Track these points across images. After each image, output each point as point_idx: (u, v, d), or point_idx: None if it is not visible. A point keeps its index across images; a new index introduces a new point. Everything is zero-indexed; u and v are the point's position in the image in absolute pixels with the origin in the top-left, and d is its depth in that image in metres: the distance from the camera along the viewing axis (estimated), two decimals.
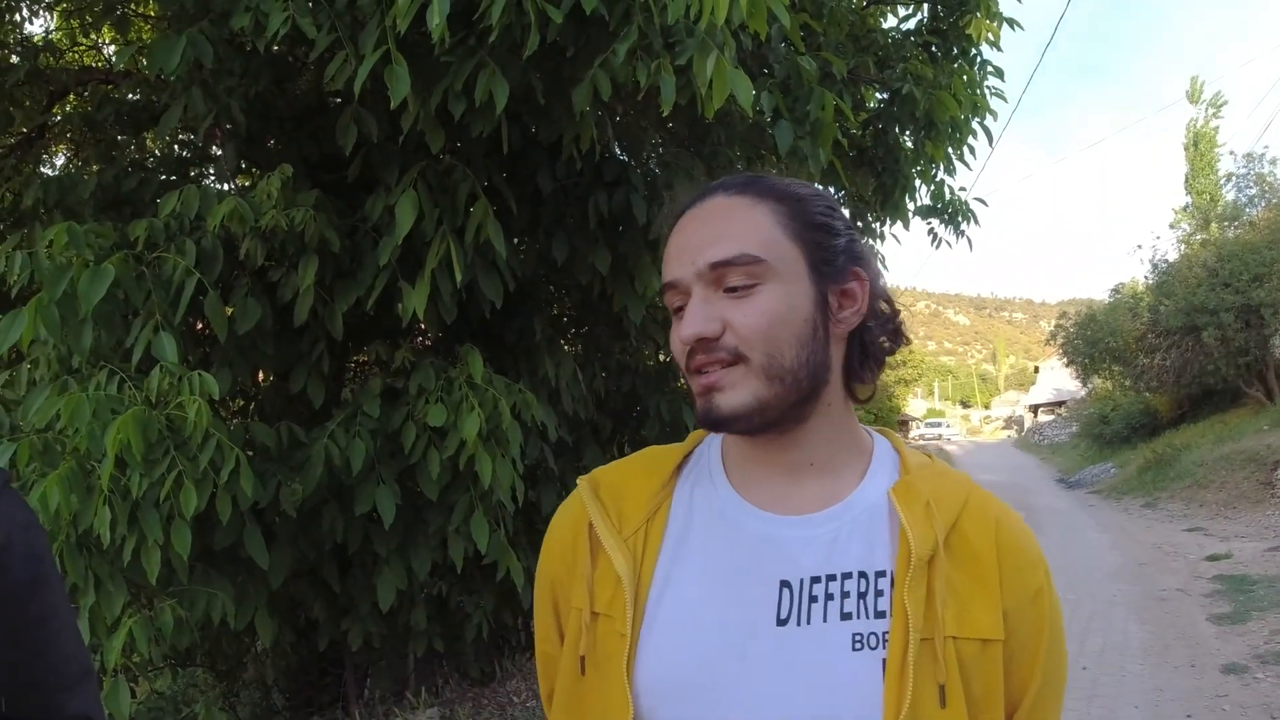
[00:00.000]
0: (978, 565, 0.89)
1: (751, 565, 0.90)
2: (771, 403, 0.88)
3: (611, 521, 0.96)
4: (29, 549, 1.06)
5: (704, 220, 0.92)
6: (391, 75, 2.84)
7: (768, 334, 0.87)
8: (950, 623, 0.85)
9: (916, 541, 0.86)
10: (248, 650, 5.45)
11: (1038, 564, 0.94)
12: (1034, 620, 0.90)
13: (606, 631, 0.92)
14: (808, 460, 0.94)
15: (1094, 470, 22.66)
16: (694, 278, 0.89)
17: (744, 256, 0.88)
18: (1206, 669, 6.00)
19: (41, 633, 1.09)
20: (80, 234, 3.10)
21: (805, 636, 0.86)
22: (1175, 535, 11.98)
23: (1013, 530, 0.93)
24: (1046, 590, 0.93)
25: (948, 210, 6.18)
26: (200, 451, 3.00)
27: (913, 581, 0.85)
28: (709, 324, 0.87)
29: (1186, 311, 19.63)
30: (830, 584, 0.88)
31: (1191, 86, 30.48)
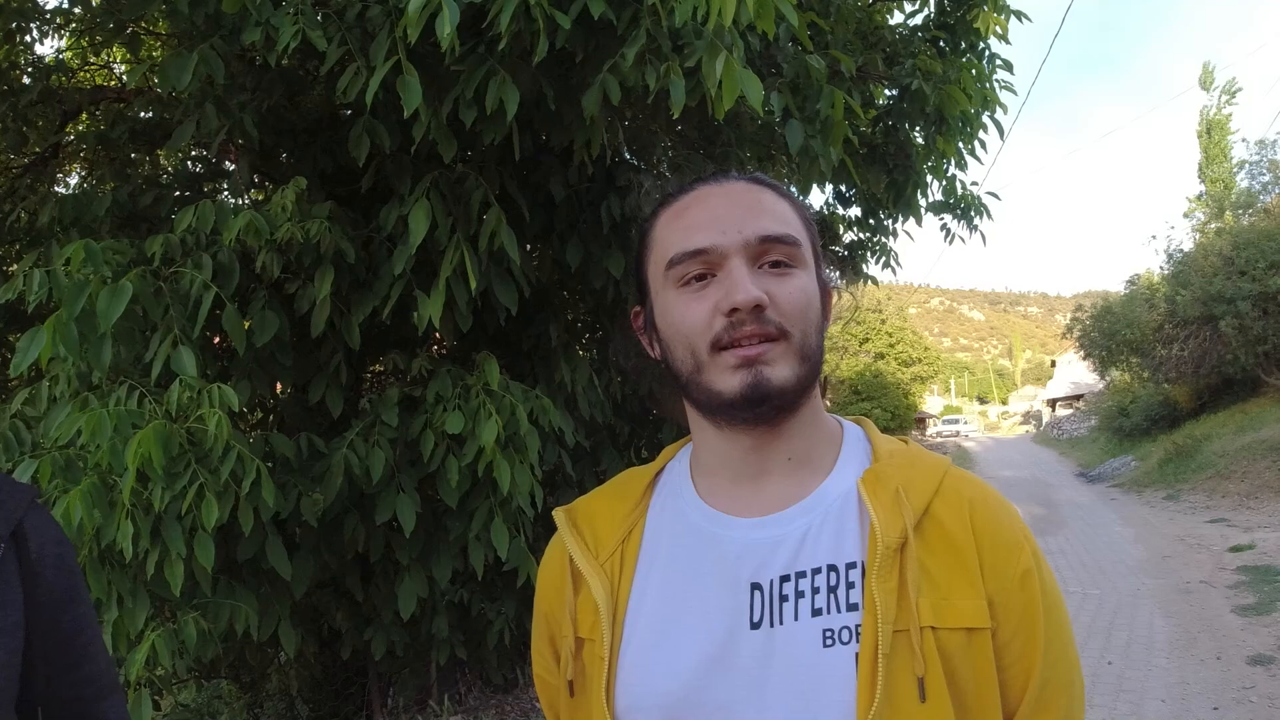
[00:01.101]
0: (954, 551, 0.86)
1: (722, 572, 0.90)
2: (804, 382, 0.89)
3: (589, 549, 0.97)
4: (60, 562, 1.09)
5: (738, 196, 0.93)
6: (403, 85, 2.86)
7: (804, 314, 0.89)
8: (927, 612, 0.83)
9: (884, 530, 0.85)
10: (271, 661, 5.48)
11: (1020, 544, 0.90)
12: (1024, 605, 0.87)
13: (590, 655, 0.93)
14: (786, 455, 0.93)
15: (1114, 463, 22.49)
16: (738, 247, 0.88)
17: (791, 236, 0.90)
18: (1233, 661, 5.96)
19: (75, 645, 1.11)
20: (98, 251, 3.12)
21: (778, 637, 0.85)
22: (1198, 527, 11.88)
23: (990, 511, 0.90)
24: (1035, 572, 0.89)
25: (960, 205, 6.16)
26: (221, 464, 3.02)
27: (881, 571, 0.83)
28: (762, 293, 0.86)
29: (1203, 301, 19.47)
30: (800, 581, 0.87)
31: (1203, 73, 30.26)
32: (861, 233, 6.58)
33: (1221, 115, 29.78)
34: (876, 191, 5.70)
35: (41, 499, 3.12)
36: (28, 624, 1.03)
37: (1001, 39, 5.57)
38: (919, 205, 5.77)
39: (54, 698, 1.09)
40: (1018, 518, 0.93)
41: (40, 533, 1.07)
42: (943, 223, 6.29)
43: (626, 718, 0.89)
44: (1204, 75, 30.31)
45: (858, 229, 6.57)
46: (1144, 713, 5.13)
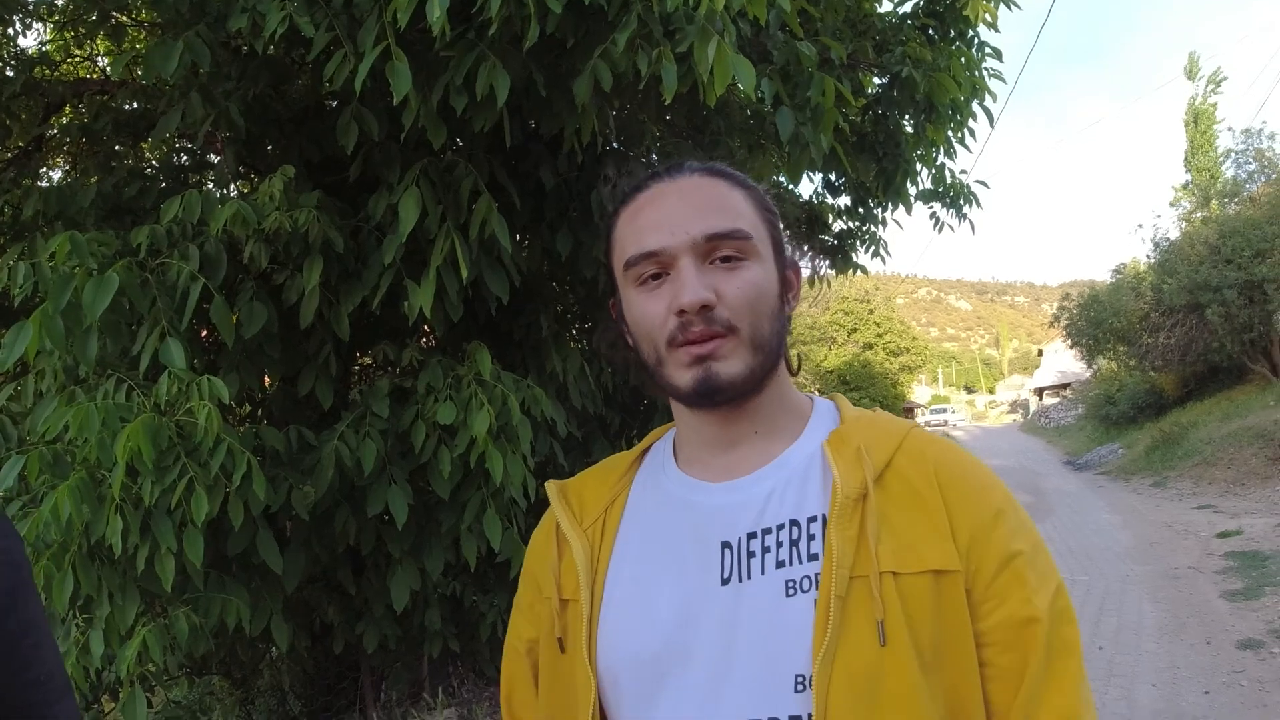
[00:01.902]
0: (917, 500, 0.90)
1: (694, 534, 0.95)
2: (756, 371, 0.93)
3: (574, 516, 1.04)
4: (6, 557, 1.01)
5: (686, 195, 0.96)
6: (393, 71, 2.82)
7: (754, 307, 0.92)
8: (887, 558, 0.86)
9: (843, 481, 0.89)
10: (263, 657, 5.45)
11: (990, 488, 0.94)
12: (1001, 543, 0.89)
13: (574, 615, 0.98)
14: (753, 429, 0.98)
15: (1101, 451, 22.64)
16: (686, 247, 0.92)
17: (739, 231, 0.93)
18: (1222, 645, 6.01)
19: (24, 646, 1.04)
20: (83, 243, 3.08)
21: (746, 592, 0.89)
22: (1185, 513, 11.97)
23: (954, 461, 0.95)
24: (1009, 511, 0.92)
25: (949, 194, 6.16)
26: (211, 457, 2.98)
27: (840, 520, 0.88)
28: (708, 291, 0.90)
29: (1189, 289, 19.59)
30: (766, 537, 0.91)
31: (1189, 63, 30.35)
32: (851, 221, 6.57)
33: (1207, 105, 29.89)
34: (866, 180, 5.69)
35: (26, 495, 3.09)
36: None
37: (991, 26, 5.56)
38: (908, 194, 5.77)
39: (2, 703, 1.01)
40: (986, 469, 0.97)
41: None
42: (932, 211, 6.30)
43: (606, 674, 0.94)
44: (1189, 65, 30.40)
45: (847, 218, 6.57)
46: (1135, 697, 5.17)
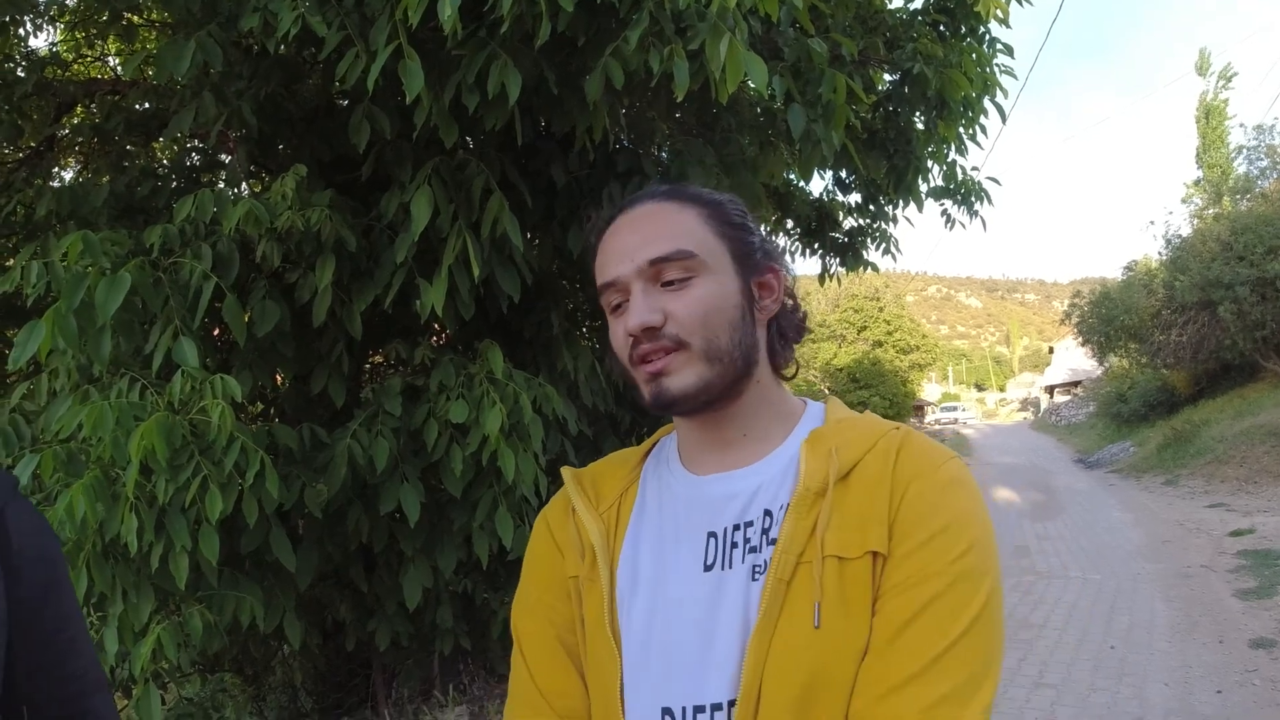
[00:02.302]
0: (869, 489, 0.94)
1: (688, 523, 1.01)
2: (714, 382, 0.98)
3: (590, 501, 1.10)
4: (41, 553, 1.04)
5: (637, 223, 1.03)
6: (405, 70, 2.83)
7: (704, 321, 0.98)
8: (832, 543, 0.90)
9: (806, 475, 0.95)
10: (275, 654, 5.47)
11: (933, 470, 0.95)
12: (927, 519, 0.91)
13: (591, 593, 1.03)
14: (741, 432, 1.04)
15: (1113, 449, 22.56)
16: (634, 274, 0.99)
17: (679, 252, 0.98)
18: (1235, 644, 5.98)
19: (60, 641, 1.07)
20: (95, 242, 3.09)
21: (726, 578, 0.95)
22: (1197, 512, 11.92)
23: (915, 449, 0.97)
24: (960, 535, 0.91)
25: (961, 190, 6.14)
26: (225, 455, 2.99)
27: (797, 509, 0.93)
28: (652, 314, 0.97)
29: (1201, 286, 19.49)
30: (748, 529, 0.97)
31: (1200, 59, 30.20)
32: (861, 219, 6.56)
33: (1218, 101, 29.74)
34: (877, 177, 5.68)
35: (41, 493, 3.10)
36: (10, 619, 0.98)
37: (1002, 23, 5.54)
38: (919, 191, 5.76)
39: (40, 695, 1.05)
40: (948, 456, 0.98)
41: (21, 524, 1.02)
42: (943, 208, 6.28)
43: (625, 649, 0.99)
44: (1200, 61, 30.26)
45: (858, 215, 6.55)
46: (1147, 696, 5.14)
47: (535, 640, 1.08)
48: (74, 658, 1.09)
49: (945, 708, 0.83)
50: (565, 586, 1.08)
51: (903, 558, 0.89)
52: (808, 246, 6.68)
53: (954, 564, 0.88)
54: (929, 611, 0.86)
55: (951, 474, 0.95)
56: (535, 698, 1.05)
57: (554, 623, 1.07)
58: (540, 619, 1.09)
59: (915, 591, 0.87)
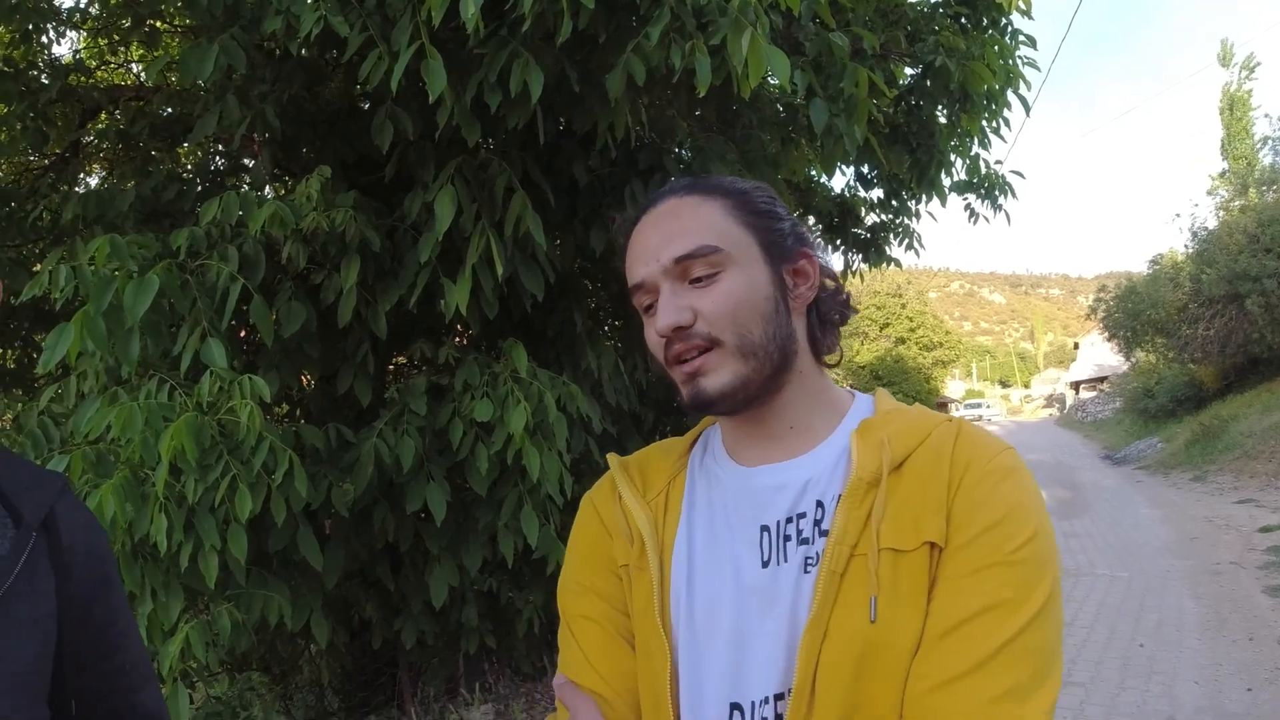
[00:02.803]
0: (925, 480, 0.92)
1: (740, 517, 1.00)
2: (752, 378, 0.97)
3: (637, 488, 1.08)
4: (92, 550, 1.06)
5: (659, 222, 1.01)
6: (427, 70, 2.83)
7: (735, 316, 0.96)
8: (888, 536, 0.89)
9: (859, 465, 0.93)
10: (302, 653, 5.50)
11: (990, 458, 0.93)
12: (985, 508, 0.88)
13: (640, 582, 1.02)
14: (787, 425, 1.02)
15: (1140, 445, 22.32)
16: (660, 274, 0.98)
17: (703, 248, 0.97)
18: (1265, 641, 5.91)
19: (110, 635, 1.08)
20: (123, 245, 3.12)
21: (782, 573, 0.94)
22: (1226, 508, 11.78)
23: (971, 440, 0.95)
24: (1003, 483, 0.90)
25: (984, 184, 6.10)
26: (253, 455, 3.02)
27: (849, 500, 0.91)
28: (681, 314, 0.95)
29: (1228, 279, 19.28)
30: (800, 521, 0.95)
31: (1222, 49, 29.86)
32: (884, 214, 6.53)
33: (1242, 92, 29.39)
34: (899, 172, 5.65)
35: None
36: (60, 615, 0.99)
37: (1025, 14, 5.49)
38: (942, 185, 5.72)
39: (88, 689, 1.05)
40: (1004, 446, 0.96)
41: (71, 520, 1.03)
42: (966, 202, 6.24)
43: (678, 641, 0.98)
44: (1223, 52, 29.91)
45: (880, 211, 6.52)
46: (1177, 694, 5.09)
47: (584, 621, 1.06)
48: (122, 652, 1.10)
49: (1007, 703, 0.80)
50: (614, 569, 1.06)
51: (960, 547, 0.87)
52: (830, 243, 6.65)
53: (1016, 553, 0.86)
54: (991, 602, 0.84)
55: (1008, 463, 0.93)
56: (591, 675, 1.03)
57: (605, 603, 1.06)
58: (592, 599, 1.07)
59: (975, 581, 0.85)
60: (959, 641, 0.83)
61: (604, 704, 1.00)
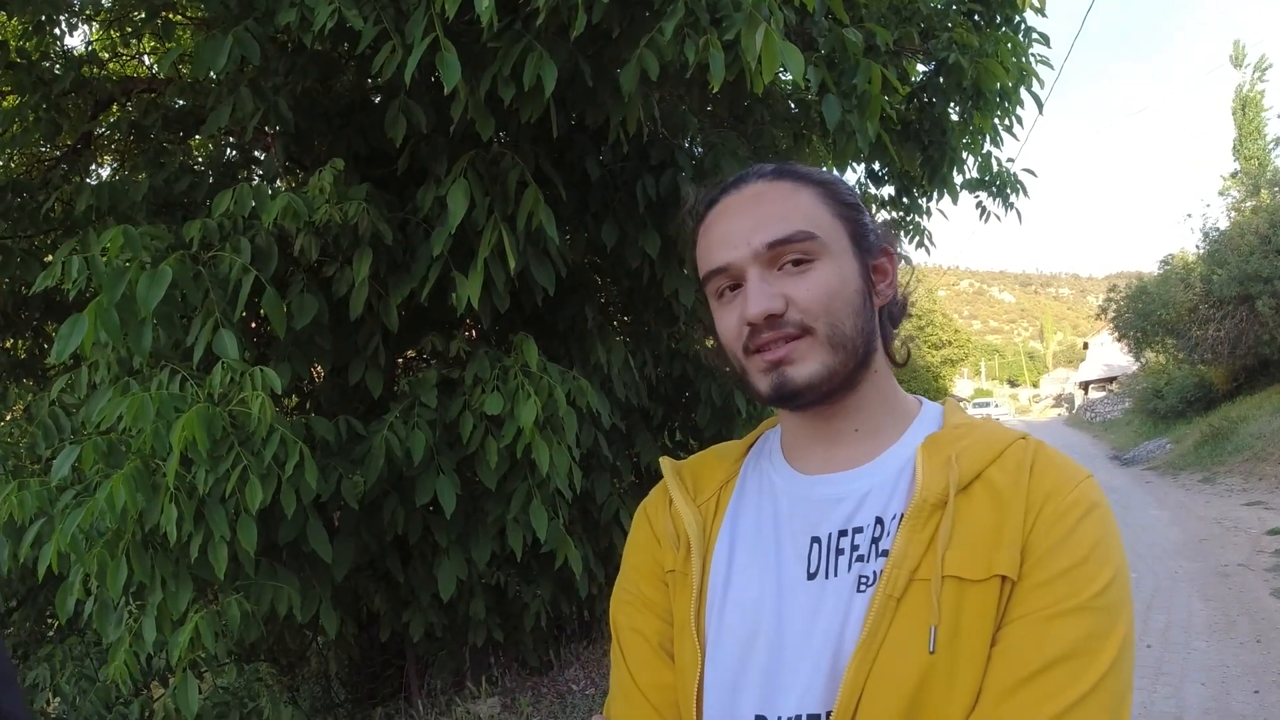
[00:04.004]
0: (1000, 505, 0.87)
1: (789, 525, 0.97)
2: (838, 370, 0.93)
3: (688, 492, 1.06)
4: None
5: (749, 205, 0.97)
6: (442, 63, 2.83)
7: (828, 305, 0.92)
8: (953, 563, 0.84)
9: (924, 484, 0.89)
10: (310, 644, 5.52)
11: (1069, 488, 0.87)
12: (1067, 546, 0.83)
13: (682, 587, 1.00)
14: (853, 427, 0.98)
15: (1149, 446, 22.23)
16: (750, 259, 0.94)
17: (800, 234, 0.93)
18: (1273, 644, 5.88)
19: None
20: (136, 236, 3.13)
21: (830, 587, 0.90)
22: (1235, 510, 11.73)
23: (1048, 463, 0.90)
24: (1083, 518, 0.85)
25: (996, 182, 6.08)
26: (264, 447, 3.02)
27: (913, 521, 0.87)
28: (774, 300, 0.92)
29: (1240, 280, 19.19)
30: (857, 536, 0.91)
31: (1235, 50, 29.69)
32: (895, 211, 6.51)
33: (1255, 92, 29.23)
34: (911, 169, 5.63)
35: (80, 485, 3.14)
36: None
37: (1038, 11, 5.47)
38: (954, 183, 5.70)
39: None
40: (1085, 474, 0.90)
41: None
42: (978, 200, 6.22)
43: (710, 647, 0.96)
44: (1236, 52, 29.73)
45: (891, 208, 6.51)
46: (1184, 696, 5.07)
47: (632, 633, 1.04)
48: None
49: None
50: (663, 577, 1.04)
51: (1037, 586, 0.82)
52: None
53: (1097, 598, 0.81)
54: (1069, 651, 0.79)
55: (1091, 496, 0.87)
56: (633, 690, 1.01)
57: (652, 613, 1.04)
58: (638, 610, 1.05)
59: (1053, 626, 0.80)
60: (1035, 692, 0.79)
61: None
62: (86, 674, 4.46)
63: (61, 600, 3.21)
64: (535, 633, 5.28)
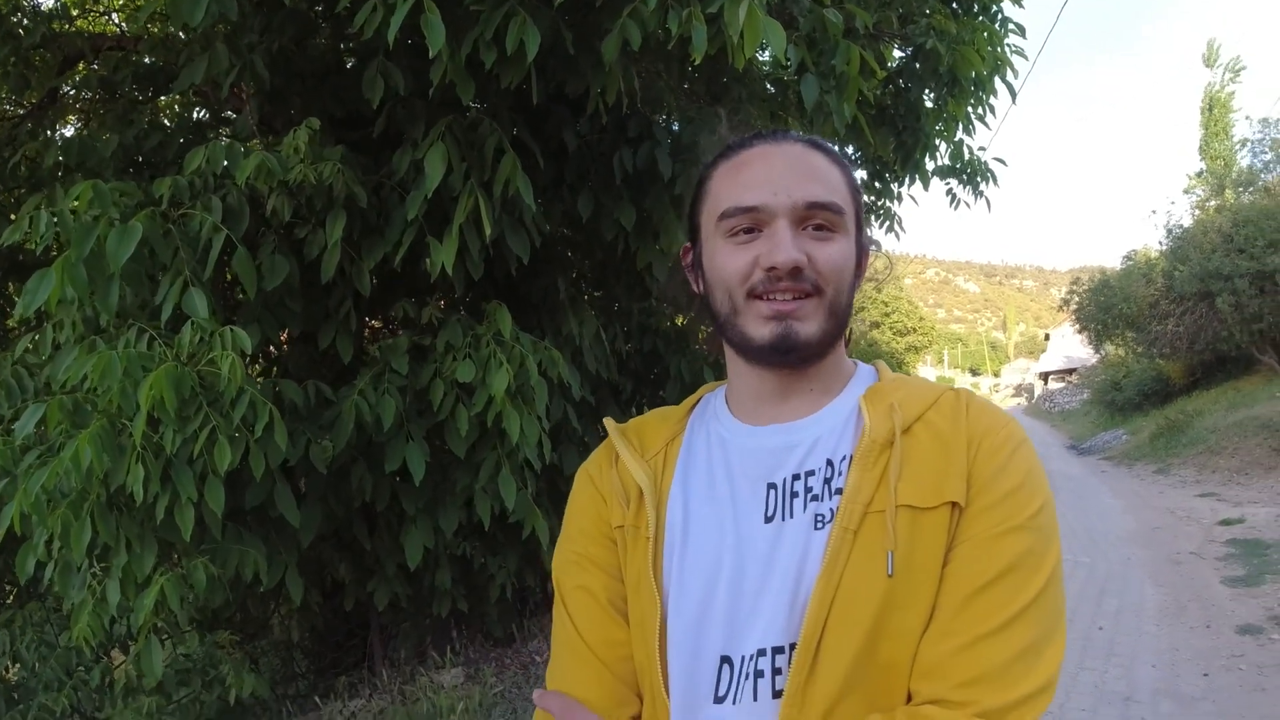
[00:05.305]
0: (942, 442, 0.95)
1: (744, 474, 1.02)
2: (829, 336, 1.00)
3: (635, 449, 1.11)
4: None
5: (791, 161, 1.01)
6: (426, 24, 2.79)
7: (839, 276, 0.99)
8: (905, 493, 0.91)
9: (873, 427, 0.96)
10: (272, 613, 5.50)
11: (1002, 427, 0.97)
12: (1004, 474, 0.93)
13: (636, 540, 1.04)
14: (809, 386, 1.04)
15: (1105, 437, 22.62)
16: (786, 209, 0.97)
17: (836, 205, 0.99)
18: (1222, 630, 6.01)
19: None
20: (106, 192, 3.08)
21: (787, 529, 0.95)
22: (1188, 500, 11.97)
23: (982, 407, 1.00)
24: (1019, 450, 0.95)
25: (967, 170, 6.13)
26: (233, 408, 3.00)
27: (864, 459, 0.94)
28: (801, 254, 0.96)
29: (1201, 277, 19.48)
30: (810, 478, 0.97)
31: (1208, 50, 30.05)
32: (867, 196, 6.55)
33: (1223, 93, 29.61)
34: (884, 154, 5.66)
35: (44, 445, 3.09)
36: None
37: (1016, 3, 5.51)
38: (926, 169, 5.75)
39: None
40: (1011, 418, 1.00)
41: None
42: (949, 188, 6.27)
43: (671, 596, 1.00)
44: (1209, 52, 30.09)
45: (863, 192, 6.53)
46: (1135, 677, 5.18)
47: (578, 591, 1.07)
48: None
49: (1030, 657, 0.85)
50: (609, 534, 1.08)
51: (982, 510, 0.90)
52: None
53: (1033, 519, 0.90)
54: (1012, 566, 0.88)
55: (1018, 434, 0.97)
56: (580, 648, 1.04)
57: (600, 571, 1.06)
58: (584, 569, 1.07)
59: (997, 544, 0.89)
60: (985, 603, 0.87)
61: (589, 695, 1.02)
62: (47, 640, 4.41)
63: (22, 560, 3.16)
64: (500, 604, 5.30)
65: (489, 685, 4.85)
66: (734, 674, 0.94)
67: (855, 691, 0.88)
